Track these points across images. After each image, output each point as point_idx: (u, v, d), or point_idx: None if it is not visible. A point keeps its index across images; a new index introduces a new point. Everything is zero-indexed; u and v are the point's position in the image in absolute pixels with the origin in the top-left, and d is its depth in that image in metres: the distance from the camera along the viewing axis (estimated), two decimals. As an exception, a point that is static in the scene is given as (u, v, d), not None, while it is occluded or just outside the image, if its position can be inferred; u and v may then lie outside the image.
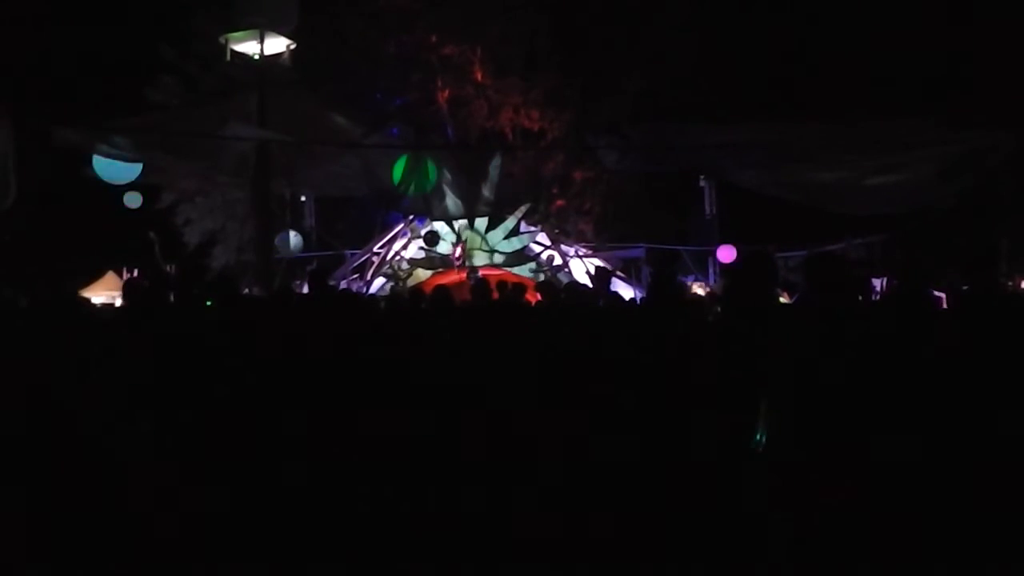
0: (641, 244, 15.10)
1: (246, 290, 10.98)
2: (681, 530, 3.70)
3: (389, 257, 14.18)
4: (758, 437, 3.51)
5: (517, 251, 14.33)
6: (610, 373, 4.46)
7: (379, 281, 13.94)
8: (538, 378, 4.62)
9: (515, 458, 4.30)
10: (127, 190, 13.04)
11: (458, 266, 13.76)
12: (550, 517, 4.02)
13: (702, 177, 14.47)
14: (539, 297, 7.60)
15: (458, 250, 13.95)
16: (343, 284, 12.83)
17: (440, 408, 4.49)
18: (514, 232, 14.45)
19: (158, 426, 3.88)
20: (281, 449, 4.13)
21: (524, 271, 13.72)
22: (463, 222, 14.36)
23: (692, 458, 3.75)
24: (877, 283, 9.27)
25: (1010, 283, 12.29)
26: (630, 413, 4.20)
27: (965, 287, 4.12)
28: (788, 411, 3.41)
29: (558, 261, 13.88)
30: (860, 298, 5.36)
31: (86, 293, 14.23)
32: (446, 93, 19.05)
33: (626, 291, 12.97)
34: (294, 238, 13.24)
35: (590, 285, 8.94)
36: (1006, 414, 3.26)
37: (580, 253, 14.52)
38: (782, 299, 8.23)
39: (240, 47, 11.97)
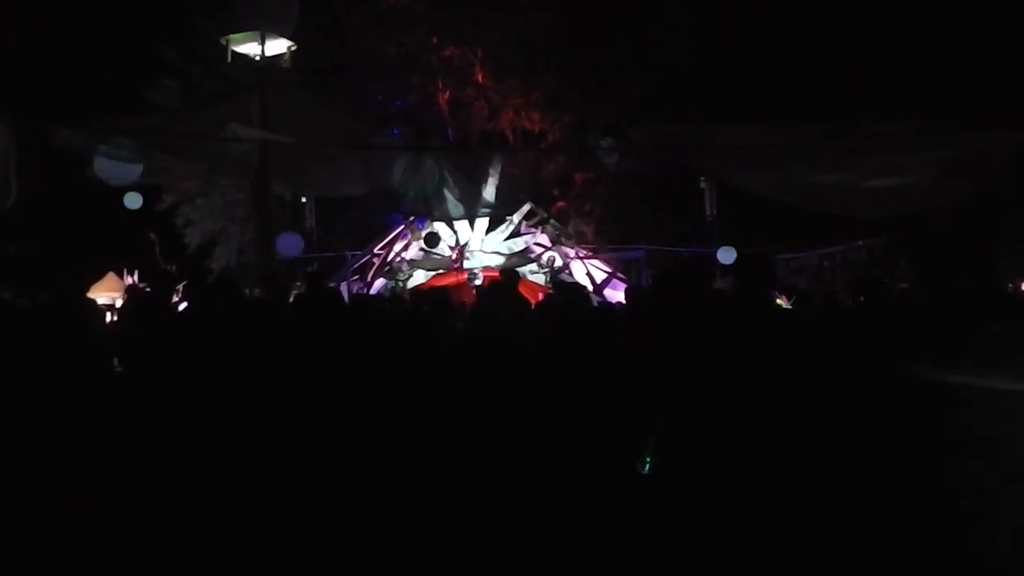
0: (641, 246, 15.09)
1: (247, 291, 10.95)
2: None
3: (390, 258, 14.16)
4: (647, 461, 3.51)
5: (518, 252, 14.31)
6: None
7: (379, 282, 13.92)
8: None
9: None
10: (127, 191, 13.02)
11: (456, 268, 13.74)
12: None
13: (703, 179, 14.43)
14: (539, 297, 7.54)
15: (456, 252, 13.94)
16: (343, 285, 12.81)
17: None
18: (515, 233, 14.44)
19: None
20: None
21: (525, 272, 13.69)
22: (464, 223, 14.35)
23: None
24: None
25: (1010, 285, 12.29)
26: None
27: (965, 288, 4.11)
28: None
29: (559, 262, 13.85)
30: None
31: (87, 295, 14.21)
32: (447, 95, 19.05)
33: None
34: (296, 240, 13.21)
35: (589, 286, 8.92)
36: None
37: (581, 255, 14.50)
38: (780, 301, 8.23)
39: (241, 48, 11.96)
